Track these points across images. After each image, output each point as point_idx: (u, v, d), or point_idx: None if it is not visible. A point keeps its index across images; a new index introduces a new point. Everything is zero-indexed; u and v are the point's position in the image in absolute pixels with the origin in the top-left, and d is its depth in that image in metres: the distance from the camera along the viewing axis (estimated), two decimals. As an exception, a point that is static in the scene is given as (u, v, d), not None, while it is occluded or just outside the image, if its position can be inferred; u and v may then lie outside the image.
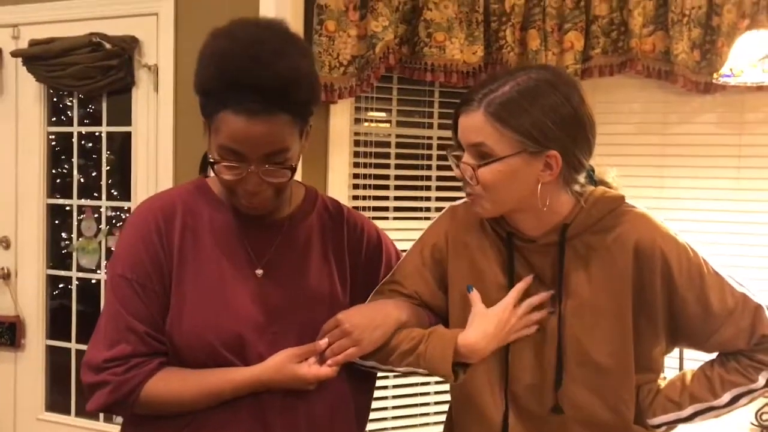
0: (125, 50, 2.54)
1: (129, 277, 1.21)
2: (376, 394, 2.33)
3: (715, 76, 2.24)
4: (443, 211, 1.39)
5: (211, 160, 1.18)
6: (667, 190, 2.67)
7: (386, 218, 2.63)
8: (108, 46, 2.53)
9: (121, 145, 2.76)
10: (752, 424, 2.00)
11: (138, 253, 1.22)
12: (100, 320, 1.24)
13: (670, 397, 1.28)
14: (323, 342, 1.25)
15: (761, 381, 1.25)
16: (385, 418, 2.64)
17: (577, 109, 1.17)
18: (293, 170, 1.19)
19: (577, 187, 1.23)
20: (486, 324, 1.23)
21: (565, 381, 1.24)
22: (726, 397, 1.26)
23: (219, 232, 1.26)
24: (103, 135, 2.77)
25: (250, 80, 1.10)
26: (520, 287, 1.25)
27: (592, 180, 1.29)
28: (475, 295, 1.27)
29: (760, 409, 1.95)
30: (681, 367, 2.22)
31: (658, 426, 1.30)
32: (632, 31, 2.47)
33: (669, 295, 1.23)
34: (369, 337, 1.25)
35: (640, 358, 1.26)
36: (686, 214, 2.63)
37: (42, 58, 2.62)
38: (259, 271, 1.26)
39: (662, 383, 1.32)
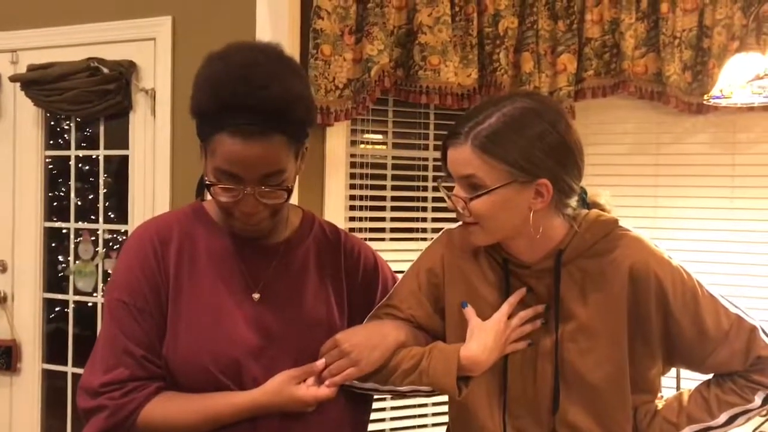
0: (123, 75, 2.56)
1: (126, 301, 1.20)
2: (374, 411, 2.31)
3: (705, 97, 2.26)
4: (439, 235, 1.40)
5: (208, 183, 1.18)
6: (661, 209, 2.69)
7: (383, 239, 2.64)
8: (105, 70, 2.55)
9: (118, 169, 2.78)
10: (751, 443, 2.00)
11: (135, 277, 1.22)
12: (96, 344, 1.24)
13: (667, 419, 1.28)
14: (320, 363, 1.24)
15: (757, 401, 1.25)
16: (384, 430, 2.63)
17: (564, 136, 1.18)
18: (289, 191, 1.20)
19: (569, 211, 1.24)
20: (485, 336, 1.24)
21: (563, 405, 1.24)
22: (723, 418, 1.26)
23: (215, 256, 1.26)
24: (101, 158, 2.79)
25: (245, 102, 1.11)
26: (512, 300, 1.26)
27: (585, 203, 1.30)
28: (470, 311, 1.28)
29: (757, 428, 1.94)
30: (678, 387, 2.22)
31: None
32: (624, 53, 2.51)
33: (664, 318, 1.23)
34: (368, 357, 1.25)
35: (637, 381, 1.26)
36: (680, 234, 2.65)
37: (40, 83, 2.65)
38: (256, 296, 1.26)
39: (659, 404, 1.32)
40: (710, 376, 1.32)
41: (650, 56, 2.55)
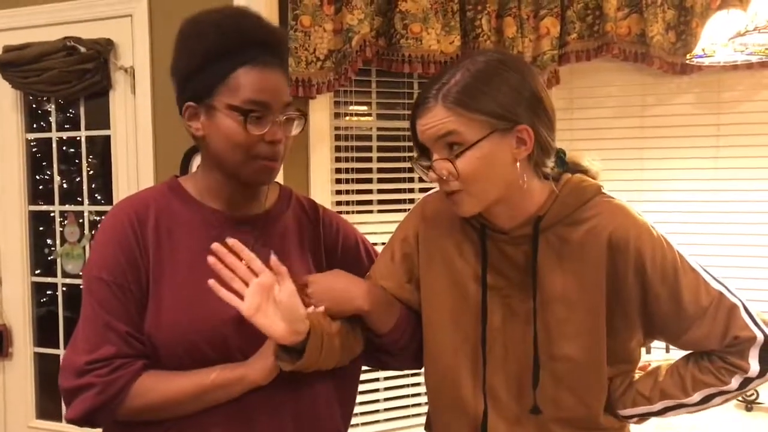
0: (100, 53, 2.52)
1: (106, 278, 1.19)
2: (369, 387, 2.32)
3: (688, 56, 2.25)
4: (415, 204, 1.38)
5: (242, 111, 1.17)
6: (647, 171, 2.69)
7: (370, 212, 2.64)
8: (83, 49, 2.51)
9: (104, 149, 2.75)
10: (737, 399, 2.03)
11: (114, 254, 1.21)
12: (77, 325, 1.22)
13: (641, 392, 1.26)
14: None
15: (734, 384, 1.20)
16: (377, 410, 2.66)
17: (532, 85, 1.16)
18: (306, 117, 1.27)
19: (547, 171, 1.21)
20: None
21: (543, 377, 1.22)
22: (697, 397, 1.23)
23: (195, 230, 1.25)
24: (83, 139, 2.76)
25: (261, 37, 1.21)
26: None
27: (564, 163, 1.26)
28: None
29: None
30: (667, 350, 2.24)
31: (630, 417, 1.29)
32: (607, 15, 2.49)
33: (642, 289, 1.19)
34: (320, 303, 1.25)
35: (617, 352, 1.24)
36: (666, 195, 2.65)
37: (16, 65, 2.60)
38: None
39: (637, 375, 1.30)
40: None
41: (633, 17, 2.53)
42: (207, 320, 1.20)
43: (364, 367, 1.45)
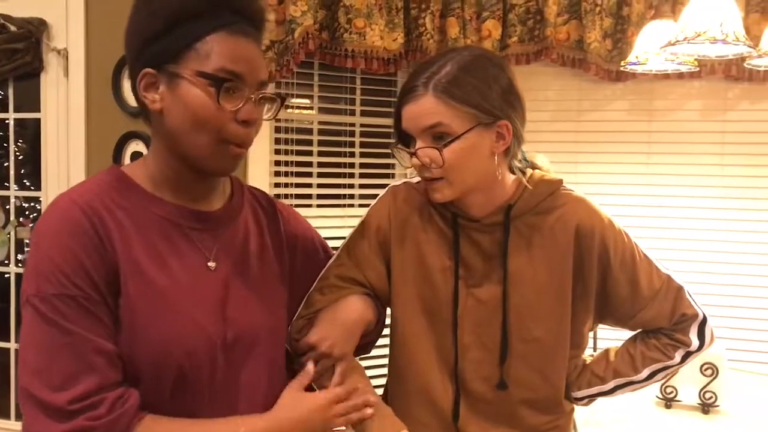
0: (32, 33, 2.42)
1: (73, 293, 0.97)
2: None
3: (622, 63, 2.32)
4: (384, 192, 1.37)
5: (212, 85, 1.01)
6: (581, 175, 2.76)
7: (309, 206, 2.62)
8: (13, 28, 2.41)
9: (33, 133, 2.65)
10: (657, 397, 2.10)
11: (76, 260, 0.98)
12: (27, 355, 0.97)
13: (595, 372, 1.37)
14: (311, 368, 1.22)
15: (677, 358, 1.34)
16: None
17: (512, 80, 1.22)
18: (283, 100, 1.12)
19: (517, 163, 1.27)
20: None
21: (509, 358, 1.28)
22: (645, 373, 1.35)
23: (157, 231, 1.07)
24: (11, 122, 2.65)
25: (238, 3, 1.06)
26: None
27: (526, 161, 1.32)
28: None
29: (664, 383, 2.05)
30: (595, 346, 2.32)
31: (582, 399, 1.39)
32: (547, 20, 2.54)
33: (603, 275, 1.30)
34: (342, 347, 1.27)
35: (573, 335, 1.32)
36: (599, 199, 2.71)
37: (-59, 41, 2.48)
38: (212, 264, 1.12)
39: (588, 358, 1.40)
40: (635, 333, 1.40)
41: (572, 23, 2.60)
42: (194, 337, 1.05)
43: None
